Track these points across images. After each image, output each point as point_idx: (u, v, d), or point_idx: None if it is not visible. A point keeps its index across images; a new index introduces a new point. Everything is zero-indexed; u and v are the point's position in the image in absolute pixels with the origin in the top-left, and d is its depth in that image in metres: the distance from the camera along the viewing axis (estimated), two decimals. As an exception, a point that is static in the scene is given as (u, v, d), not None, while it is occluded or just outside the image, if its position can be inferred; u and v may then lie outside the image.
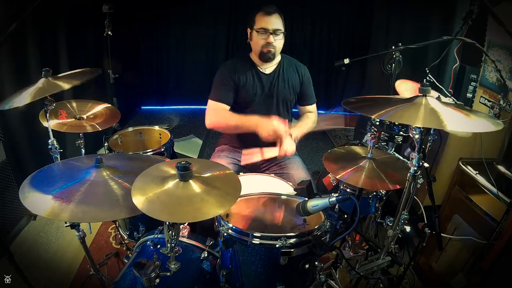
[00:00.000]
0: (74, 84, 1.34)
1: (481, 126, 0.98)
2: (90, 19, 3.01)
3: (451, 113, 1.01)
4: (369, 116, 1.09)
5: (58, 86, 1.32)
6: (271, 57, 1.77)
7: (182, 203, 0.91)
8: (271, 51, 1.75)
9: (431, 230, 1.31)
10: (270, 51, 1.75)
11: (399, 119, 1.05)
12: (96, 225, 2.31)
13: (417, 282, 1.91)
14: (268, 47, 1.74)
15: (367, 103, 1.26)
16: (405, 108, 1.05)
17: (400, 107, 1.06)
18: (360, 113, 1.15)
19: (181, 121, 4.35)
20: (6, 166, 2.04)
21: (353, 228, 1.05)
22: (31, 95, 1.26)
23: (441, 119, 0.97)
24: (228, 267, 1.15)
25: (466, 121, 1.00)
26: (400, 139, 1.50)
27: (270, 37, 1.72)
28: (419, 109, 1.02)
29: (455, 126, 0.96)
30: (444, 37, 1.68)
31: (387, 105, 1.08)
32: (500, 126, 0.98)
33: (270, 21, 1.71)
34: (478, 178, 1.69)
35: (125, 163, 1.17)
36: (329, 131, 4.28)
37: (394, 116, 1.04)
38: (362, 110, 1.18)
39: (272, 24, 1.71)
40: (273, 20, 1.72)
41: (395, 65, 1.78)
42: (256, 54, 1.80)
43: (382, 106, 1.08)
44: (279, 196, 1.35)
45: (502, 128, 0.99)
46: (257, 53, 1.79)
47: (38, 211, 0.90)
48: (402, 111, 1.03)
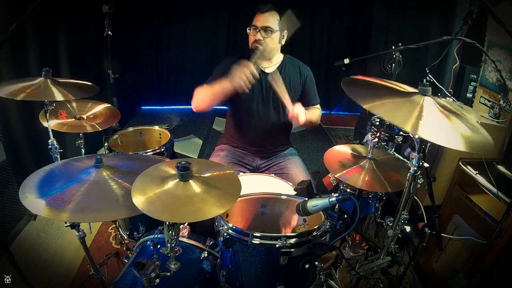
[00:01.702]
0: (68, 98, 1.37)
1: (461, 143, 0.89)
2: (90, 19, 3.01)
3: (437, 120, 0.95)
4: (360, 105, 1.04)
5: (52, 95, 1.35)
6: (258, 53, 1.74)
7: (182, 203, 0.91)
8: (258, 47, 1.74)
9: (431, 230, 1.31)
10: (258, 48, 1.74)
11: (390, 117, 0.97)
12: (96, 225, 2.31)
13: (417, 282, 1.91)
14: (256, 43, 1.74)
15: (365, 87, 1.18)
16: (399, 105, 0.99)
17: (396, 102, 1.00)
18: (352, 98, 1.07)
19: (181, 121, 4.34)
20: (6, 166, 2.04)
21: (353, 228, 1.05)
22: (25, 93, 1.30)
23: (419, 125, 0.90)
24: (228, 267, 1.15)
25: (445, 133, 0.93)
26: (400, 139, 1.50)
27: (257, 34, 1.72)
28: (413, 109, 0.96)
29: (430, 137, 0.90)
30: (444, 37, 1.68)
31: (383, 96, 1.02)
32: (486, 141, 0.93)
33: (261, 18, 1.72)
34: (478, 178, 1.69)
35: (125, 163, 1.17)
36: (329, 131, 4.29)
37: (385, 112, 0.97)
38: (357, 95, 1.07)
39: (262, 22, 1.72)
40: (265, 18, 1.72)
41: (395, 65, 1.78)
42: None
43: (378, 96, 1.03)
44: (279, 196, 1.34)
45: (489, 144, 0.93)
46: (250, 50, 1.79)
47: (38, 211, 0.90)
48: (395, 108, 0.98)
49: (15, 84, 1.34)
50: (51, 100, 1.39)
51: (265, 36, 1.73)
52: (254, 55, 1.75)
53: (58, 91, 1.37)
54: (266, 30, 1.72)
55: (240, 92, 1.62)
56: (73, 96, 1.39)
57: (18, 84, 1.34)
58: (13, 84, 1.34)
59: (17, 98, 1.28)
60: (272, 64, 1.86)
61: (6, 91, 1.30)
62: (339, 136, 4.19)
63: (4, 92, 1.29)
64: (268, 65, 1.85)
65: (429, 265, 1.92)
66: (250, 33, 1.77)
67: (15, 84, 1.34)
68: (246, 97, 1.82)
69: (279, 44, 1.81)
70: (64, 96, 1.36)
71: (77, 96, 1.42)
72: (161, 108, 4.77)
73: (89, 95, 1.49)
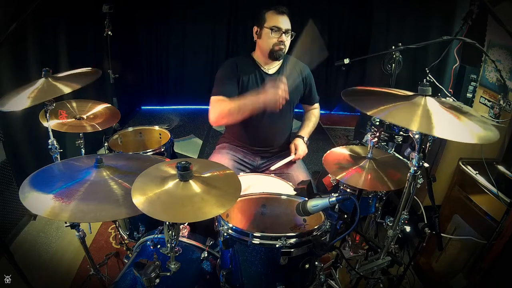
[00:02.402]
0: (74, 88, 1.32)
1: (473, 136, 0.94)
2: (90, 19, 3.01)
3: (445, 118, 0.97)
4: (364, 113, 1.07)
5: (59, 89, 1.30)
6: (281, 55, 1.77)
7: (182, 203, 0.91)
8: (282, 49, 1.74)
9: (431, 230, 1.31)
10: (282, 49, 1.74)
11: (395, 119, 1.01)
12: (96, 225, 2.31)
13: (417, 282, 1.91)
14: (280, 45, 1.73)
15: (365, 96, 1.23)
16: (402, 107, 1.02)
17: (398, 105, 1.03)
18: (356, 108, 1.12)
19: (181, 121, 4.34)
20: (6, 166, 2.04)
21: (353, 228, 1.05)
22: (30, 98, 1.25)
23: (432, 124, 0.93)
24: (228, 267, 1.15)
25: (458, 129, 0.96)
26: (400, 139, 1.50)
27: (283, 36, 1.72)
28: (416, 110, 0.99)
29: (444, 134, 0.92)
30: (444, 37, 1.68)
31: (385, 102, 1.04)
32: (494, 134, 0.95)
33: (283, 20, 1.71)
34: (478, 178, 1.69)
35: (125, 163, 1.16)
36: (329, 131, 4.29)
37: (390, 116, 1.00)
38: (358, 103, 1.13)
39: (285, 24, 1.72)
40: (286, 20, 1.72)
41: (395, 65, 1.78)
42: (264, 52, 1.77)
43: (379, 102, 1.05)
44: (279, 196, 1.34)
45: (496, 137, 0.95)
46: (265, 52, 1.76)
47: (38, 211, 0.90)
48: (399, 111, 1.00)
49: (18, 94, 1.28)
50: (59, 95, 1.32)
51: (287, 39, 1.74)
52: (277, 57, 1.76)
53: (63, 85, 1.32)
54: (288, 33, 1.73)
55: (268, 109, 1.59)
56: (79, 84, 1.34)
57: (20, 92, 1.29)
58: (15, 94, 1.29)
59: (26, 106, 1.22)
60: (275, 65, 1.85)
61: (12, 105, 1.24)
62: (339, 136, 4.19)
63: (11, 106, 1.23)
64: (270, 66, 1.84)
65: (429, 265, 1.92)
66: (270, 34, 1.72)
67: (18, 95, 1.28)
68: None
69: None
70: (70, 87, 1.31)
71: (83, 83, 1.36)
72: (161, 108, 4.77)
73: (93, 79, 1.43)
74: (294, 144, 1.88)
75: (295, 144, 1.88)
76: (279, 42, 1.72)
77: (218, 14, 4.42)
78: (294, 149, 1.87)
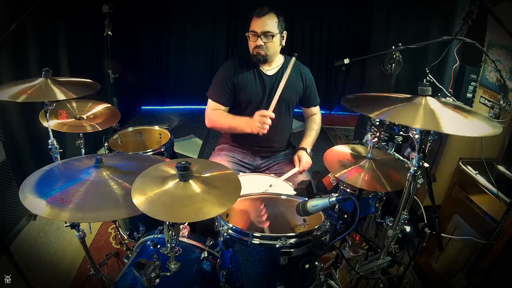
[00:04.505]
0: (69, 96, 1.36)
1: (479, 130, 0.96)
2: (90, 19, 3.01)
3: (449, 115, 0.99)
4: (368, 116, 1.08)
5: (54, 94, 1.34)
6: (261, 59, 1.75)
7: (182, 203, 0.91)
8: (260, 53, 1.72)
9: (431, 230, 1.31)
10: (260, 53, 1.72)
11: (398, 119, 1.03)
12: (96, 225, 2.31)
13: (417, 282, 1.91)
14: (257, 49, 1.72)
15: (366, 101, 1.25)
16: (404, 108, 1.04)
17: (400, 106, 1.04)
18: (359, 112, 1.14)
19: (181, 121, 4.35)
20: (6, 166, 2.04)
21: (353, 228, 1.05)
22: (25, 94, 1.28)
23: (439, 121, 0.95)
24: (228, 267, 1.15)
25: (464, 124, 0.98)
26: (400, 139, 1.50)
27: (258, 40, 1.69)
28: (418, 109, 1.01)
29: (452, 130, 0.94)
30: (444, 37, 1.68)
31: (386, 104, 1.06)
32: (499, 130, 0.96)
33: (259, 23, 1.68)
34: (478, 178, 1.69)
35: (125, 163, 1.16)
36: (329, 131, 4.29)
37: (393, 116, 1.02)
38: (361, 108, 1.17)
39: (261, 27, 1.68)
40: (263, 22, 1.67)
41: (395, 65, 1.78)
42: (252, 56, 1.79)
43: (381, 105, 1.06)
44: (279, 196, 1.34)
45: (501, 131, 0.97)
46: (252, 56, 1.78)
47: (38, 211, 0.90)
48: (401, 111, 1.02)
49: (16, 86, 1.33)
50: (53, 100, 1.38)
51: (266, 41, 1.70)
52: (257, 61, 1.76)
53: (59, 90, 1.35)
54: (267, 35, 1.69)
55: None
56: (74, 94, 1.38)
57: (18, 86, 1.33)
58: (13, 86, 1.33)
59: (18, 100, 1.26)
60: (273, 66, 1.85)
61: (8, 94, 1.28)
62: (339, 136, 4.19)
63: (6, 95, 1.28)
64: (269, 67, 1.84)
65: (429, 265, 1.91)
66: (249, 39, 1.74)
67: (15, 86, 1.33)
68: (248, 98, 1.82)
69: (280, 46, 1.80)
70: (65, 95, 1.35)
71: (78, 94, 1.40)
72: (161, 108, 4.77)
73: (90, 92, 1.46)
74: (298, 156, 1.85)
75: (298, 156, 1.85)
76: (255, 46, 1.71)
77: (218, 14, 4.42)
78: (298, 161, 1.83)
